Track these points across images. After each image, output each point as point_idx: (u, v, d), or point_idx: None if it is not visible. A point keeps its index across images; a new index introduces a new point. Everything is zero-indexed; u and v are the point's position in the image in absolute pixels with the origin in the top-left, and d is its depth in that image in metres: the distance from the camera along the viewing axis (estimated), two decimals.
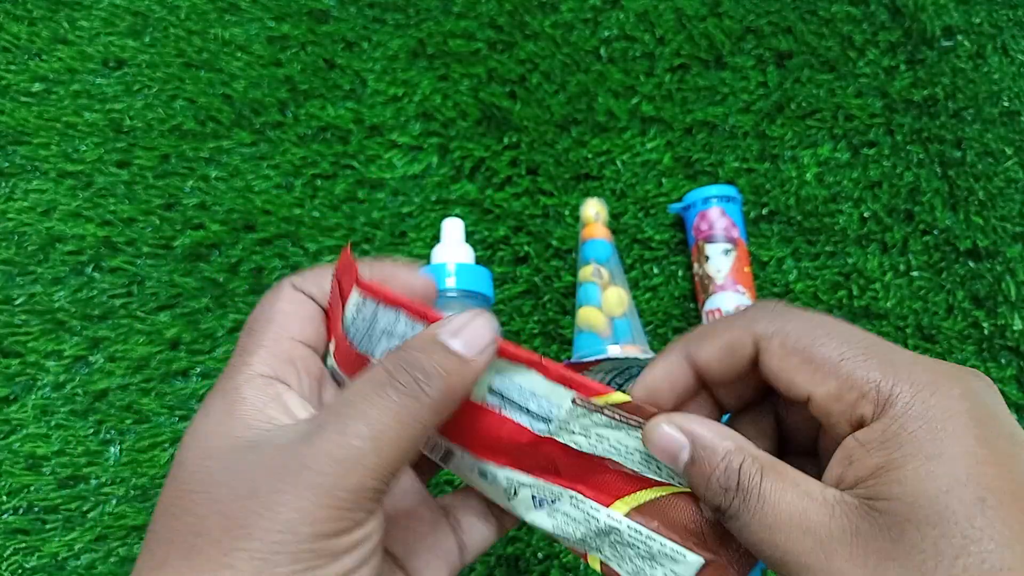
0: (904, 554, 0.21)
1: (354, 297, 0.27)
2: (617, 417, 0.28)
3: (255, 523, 0.22)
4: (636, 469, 0.28)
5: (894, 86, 0.58)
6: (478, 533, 0.31)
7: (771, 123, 0.58)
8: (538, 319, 0.52)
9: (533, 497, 0.29)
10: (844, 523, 0.22)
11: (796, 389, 0.25)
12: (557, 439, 0.28)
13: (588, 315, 0.48)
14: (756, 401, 0.28)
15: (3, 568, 0.45)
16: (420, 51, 0.61)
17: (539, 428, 0.28)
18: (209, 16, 0.61)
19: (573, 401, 0.28)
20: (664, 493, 0.27)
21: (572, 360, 0.45)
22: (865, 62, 0.59)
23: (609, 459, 0.28)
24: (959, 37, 0.60)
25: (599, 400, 0.28)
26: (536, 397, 0.28)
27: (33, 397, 0.49)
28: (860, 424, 0.23)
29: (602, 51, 0.61)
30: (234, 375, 0.26)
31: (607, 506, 0.28)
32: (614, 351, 0.45)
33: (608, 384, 0.50)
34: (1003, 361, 0.51)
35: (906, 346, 0.51)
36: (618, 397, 0.27)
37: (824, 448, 0.27)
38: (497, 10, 0.62)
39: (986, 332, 0.51)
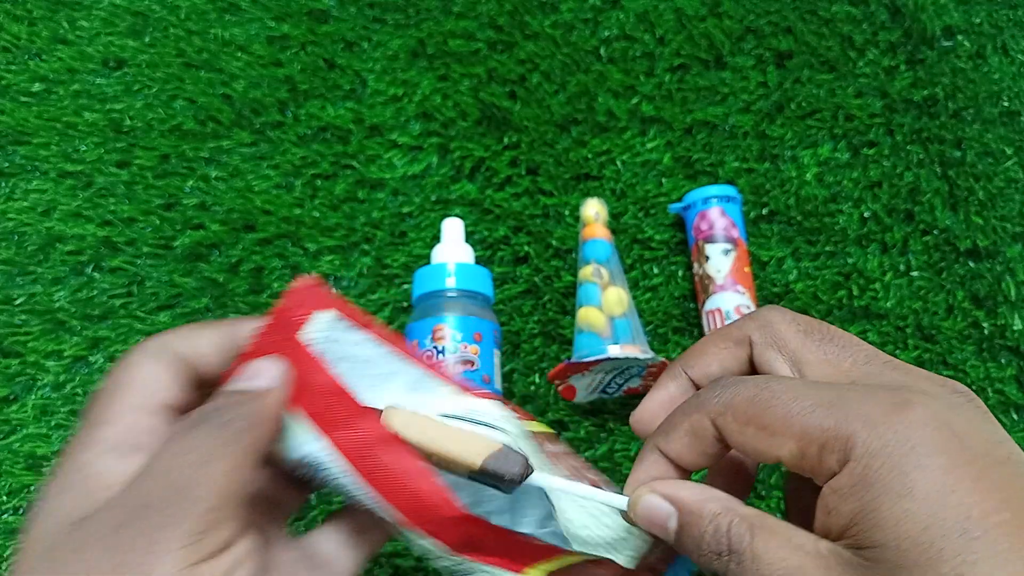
0: None
1: (324, 318, 0.28)
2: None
3: None
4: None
5: (894, 86, 0.58)
6: (344, 563, 0.30)
7: (771, 123, 0.58)
8: (538, 319, 0.52)
9: (446, 566, 0.30)
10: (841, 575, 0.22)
11: (763, 456, 0.24)
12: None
13: (588, 315, 0.48)
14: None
15: (3, 568, 0.45)
16: (420, 51, 0.61)
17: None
18: (209, 16, 0.61)
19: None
20: (577, 560, 0.28)
21: (572, 360, 0.45)
22: (865, 62, 0.59)
23: (532, 537, 0.28)
24: (959, 37, 0.60)
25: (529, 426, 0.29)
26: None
27: (33, 397, 0.49)
28: (833, 474, 0.23)
29: (602, 51, 0.61)
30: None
31: (519, 572, 0.28)
32: (614, 351, 0.45)
33: (608, 383, 0.50)
34: (1003, 361, 0.51)
35: (906, 346, 0.51)
36: (538, 426, 0.29)
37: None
38: (497, 10, 0.62)
39: (986, 332, 0.51)
